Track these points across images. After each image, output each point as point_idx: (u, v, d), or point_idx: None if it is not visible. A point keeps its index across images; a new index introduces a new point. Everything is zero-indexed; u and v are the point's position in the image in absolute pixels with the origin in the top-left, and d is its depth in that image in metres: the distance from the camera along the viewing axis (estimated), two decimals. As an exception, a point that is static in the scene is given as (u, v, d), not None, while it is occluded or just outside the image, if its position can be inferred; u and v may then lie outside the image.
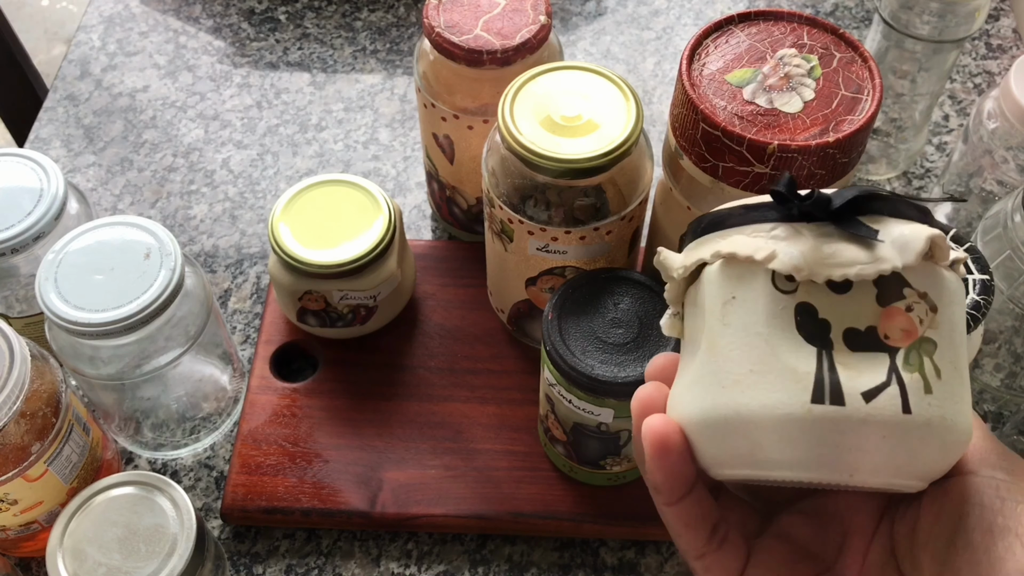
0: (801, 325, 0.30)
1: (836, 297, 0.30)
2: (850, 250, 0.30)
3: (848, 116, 0.46)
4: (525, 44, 0.56)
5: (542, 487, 0.58)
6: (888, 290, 0.30)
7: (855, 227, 0.30)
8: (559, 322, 0.51)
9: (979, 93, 0.79)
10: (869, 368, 0.29)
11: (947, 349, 0.30)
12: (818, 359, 0.30)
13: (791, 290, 0.30)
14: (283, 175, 0.75)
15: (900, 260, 0.29)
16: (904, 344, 0.30)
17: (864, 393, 0.29)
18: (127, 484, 0.50)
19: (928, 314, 0.30)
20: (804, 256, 0.30)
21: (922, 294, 0.30)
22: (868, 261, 0.29)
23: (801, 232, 0.30)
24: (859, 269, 0.29)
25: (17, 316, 0.59)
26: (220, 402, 0.62)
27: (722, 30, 0.50)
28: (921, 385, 0.29)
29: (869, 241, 0.30)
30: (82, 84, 0.81)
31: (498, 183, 0.53)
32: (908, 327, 0.30)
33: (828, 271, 0.30)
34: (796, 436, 0.30)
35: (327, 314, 0.61)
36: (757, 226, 0.31)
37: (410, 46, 0.83)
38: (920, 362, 0.30)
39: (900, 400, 0.29)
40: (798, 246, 0.30)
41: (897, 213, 0.31)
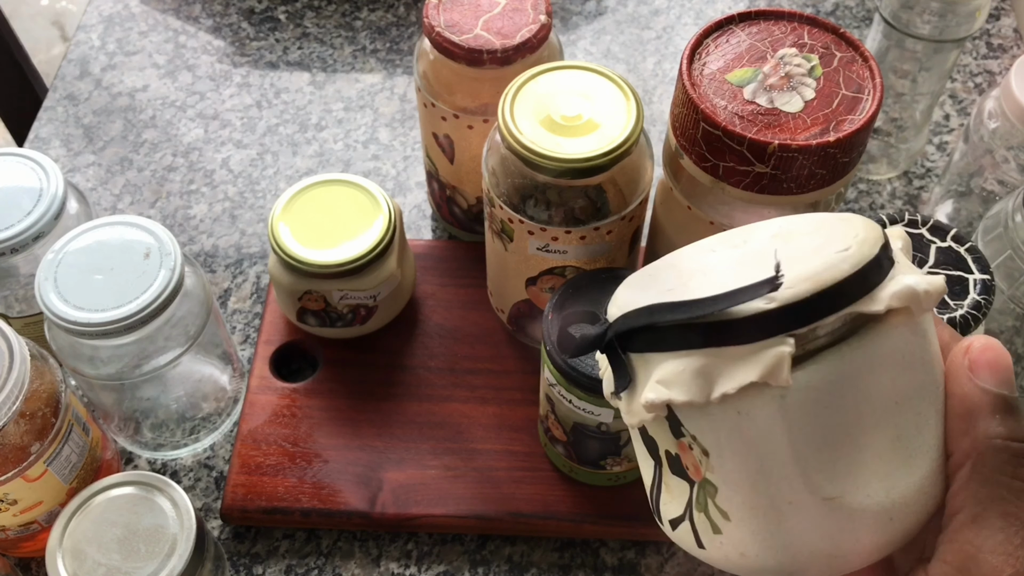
0: (644, 440, 0.31)
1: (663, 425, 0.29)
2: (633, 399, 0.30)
3: (849, 116, 0.46)
4: (525, 43, 0.56)
5: (542, 487, 0.58)
6: (674, 424, 0.29)
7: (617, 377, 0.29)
8: (559, 322, 0.50)
9: (980, 93, 0.79)
10: (679, 495, 0.30)
11: (735, 493, 0.28)
12: (653, 475, 0.32)
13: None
14: (283, 175, 0.75)
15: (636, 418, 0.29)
16: (697, 479, 0.29)
17: (671, 521, 0.31)
18: (127, 484, 0.50)
19: (703, 456, 0.28)
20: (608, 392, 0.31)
21: (692, 436, 0.28)
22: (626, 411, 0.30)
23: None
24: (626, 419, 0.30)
25: (17, 316, 0.59)
26: (220, 402, 0.61)
27: (722, 29, 0.50)
28: (708, 526, 0.29)
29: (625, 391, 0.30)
30: (82, 84, 0.81)
31: (498, 183, 0.53)
32: (694, 464, 0.29)
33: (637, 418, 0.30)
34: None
35: (327, 314, 0.61)
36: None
37: (410, 46, 0.83)
38: (705, 504, 0.29)
39: (693, 537, 0.30)
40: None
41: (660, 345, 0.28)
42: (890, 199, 0.73)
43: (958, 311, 0.47)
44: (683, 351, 0.27)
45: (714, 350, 0.26)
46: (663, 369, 0.27)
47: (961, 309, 0.47)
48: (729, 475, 0.28)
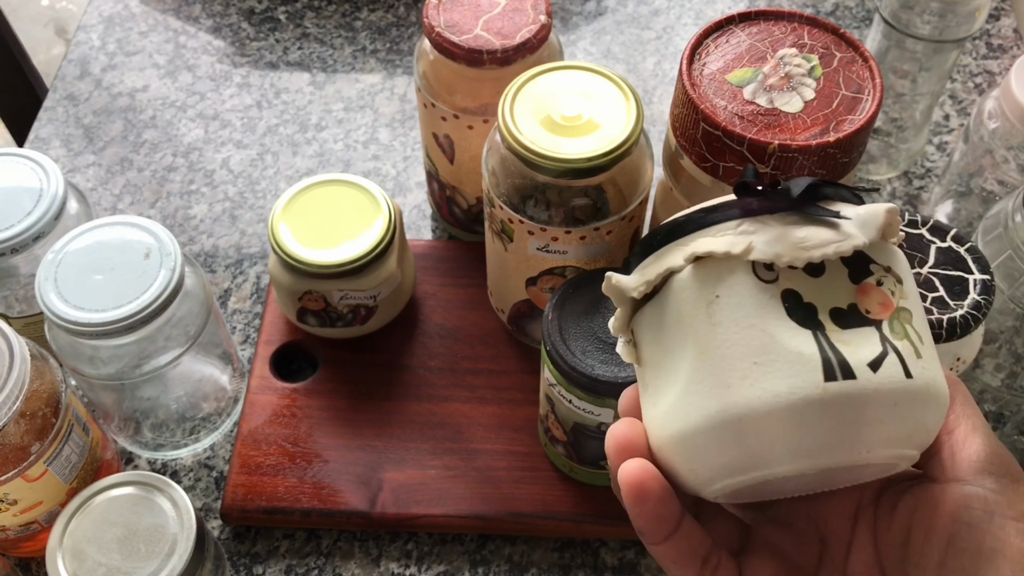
0: (791, 311, 0.30)
1: (814, 281, 0.31)
2: (820, 232, 0.30)
3: (848, 116, 0.46)
4: (525, 44, 0.56)
5: (542, 487, 0.58)
6: (857, 268, 0.31)
7: (819, 211, 0.31)
8: (559, 322, 0.50)
9: (980, 93, 0.79)
10: (863, 342, 0.30)
11: (919, 315, 0.32)
12: (816, 340, 0.30)
13: (773, 279, 0.31)
14: (283, 175, 0.75)
15: (865, 235, 0.31)
16: (885, 316, 0.31)
17: (870, 364, 0.29)
18: (127, 484, 0.50)
19: (896, 285, 0.31)
20: (781, 243, 0.30)
21: (887, 268, 0.31)
22: (840, 239, 0.30)
23: (768, 223, 0.31)
24: (835, 247, 0.30)
25: (17, 316, 0.59)
26: (220, 402, 0.62)
27: (722, 30, 0.50)
28: (912, 351, 0.30)
29: (834, 222, 0.31)
30: (82, 84, 0.81)
31: (498, 183, 0.53)
32: (884, 300, 0.31)
33: (806, 254, 0.30)
34: (814, 419, 0.29)
35: (327, 314, 0.61)
36: (721, 226, 0.31)
37: (410, 46, 0.83)
38: (904, 330, 0.31)
39: (901, 367, 0.30)
40: (770, 235, 0.31)
41: (844, 198, 0.32)
42: (890, 199, 0.73)
43: (958, 311, 0.47)
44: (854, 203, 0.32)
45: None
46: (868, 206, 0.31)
47: (961, 309, 0.47)
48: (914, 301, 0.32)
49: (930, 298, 0.48)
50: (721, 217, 0.32)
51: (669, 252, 0.32)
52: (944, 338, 0.47)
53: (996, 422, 0.62)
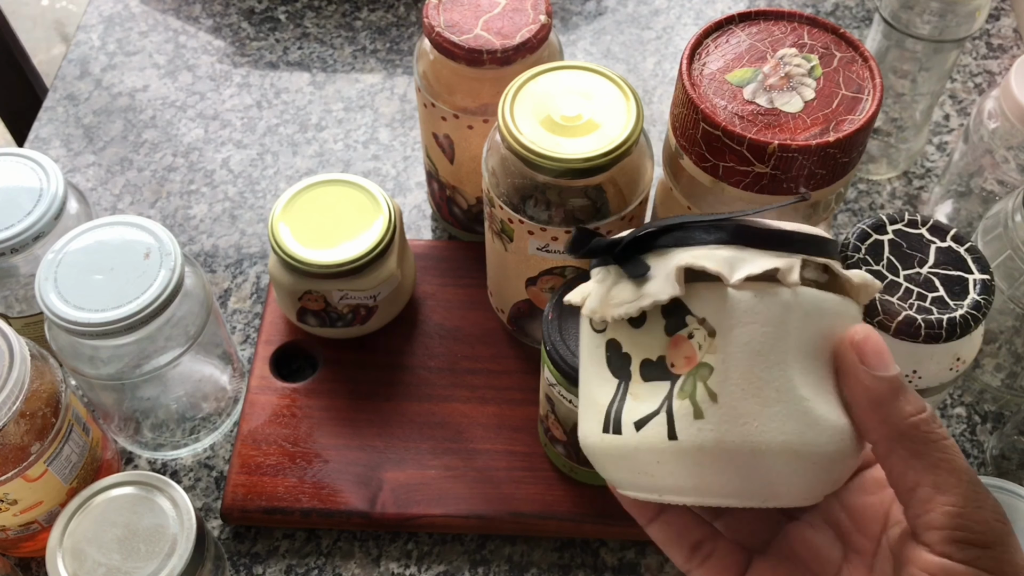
0: (609, 360, 0.33)
1: (636, 331, 0.33)
2: (625, 290, 0.32)
3: (848, 116, 0.46)
4: (525, 44, 0.56)
5: (542, 487, 0.58)
6: (673, 320, 0.32)
7: (629, 267, 0.32)
8: (559, 322, 0.50)
9: (980, 93, 0.79)
10: (651, 397, 0.32)
11: (731, 370, 0.30)
12: (615, 390, 0.33)
13: (602, 329, 0.34)
14: (283, 175, 0.75)
15: (664, 293, 0.31)
16: (685, 371, 0.31)
17: (636, 422, 0.32)
18: (127, 484, 0.50)
19: (706, 339, 0.31)
20: (598, 300, 0.33)
21: (700, 320, 0.31)
22: (632, 299, 0.32)
23: (609, 275, 0.33)
24: (624, 308, 0.32)
25: (17, 316, 0.59)
26: (220, 402, 0.62)
27: (722, 30, 0.50)
28: (690, 411, 0.31)
29: (639, 279, 0.32)
30: (82, 84, 0.81)
31: (498, 183, 0.53)
32: (689, 354, 0.31)
33: (609, 311, 0.32)
34: (603, 460, 0.34)
35: (327, 314, 0.61)
36: (597, 271, 0.35)
37: (410, 46, 0.83)
38: (693, 389, 0.31)
39: (666, 428, 0.31)
40: (599, 290, 0.33)
41: (686, 242, 0.32)
42: (890, 199, 0.73)
43: (958, 311, 0.47)
44: (710, 246, 0.32)
45: (738, 248, 0.31)
46: (689, 254, 0.31)
47: (961, 309, 0.47)
48: (732, 354, 0.31)
49: (930, 298, 0.48)
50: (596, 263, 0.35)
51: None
52: (944, 338, 0.47)
53: (996, 422, 0.62)
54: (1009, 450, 0.59)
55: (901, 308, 0.47)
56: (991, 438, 0.62)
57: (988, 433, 0.62)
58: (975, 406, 0.63)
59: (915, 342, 0.47)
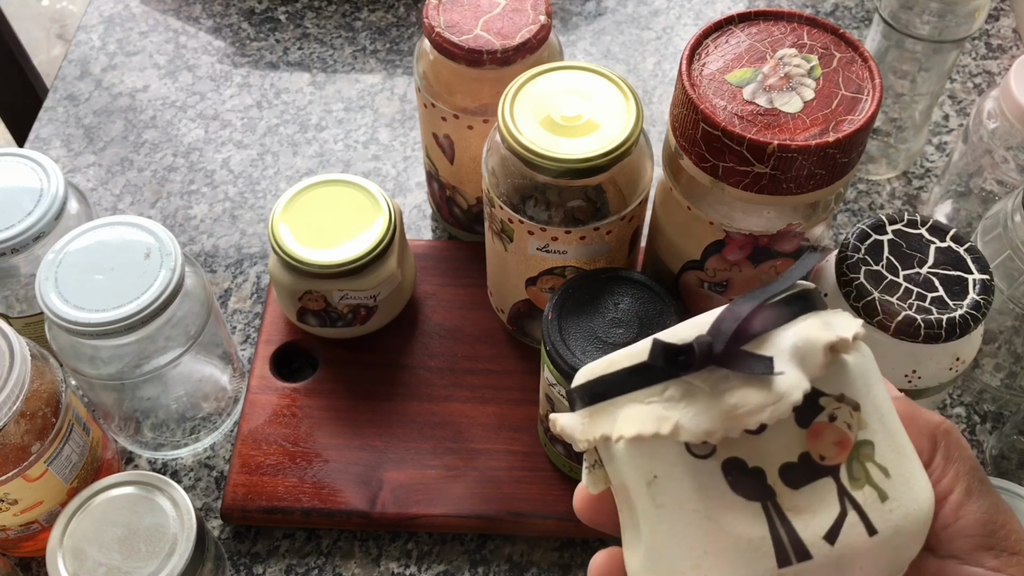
0: (735, 484, 0.28)
1: (757, 439, 0.28)
2: (752, 393, 0.27)
3: (848, 116, 0.46)
4: (525, 44, 0.56)
5: (542, 487, 0.58)
6: (804, 409, 0.28)
7: (747, 365, 0.27)
8: (559, 322, 0.51)
9: (979, 93, 0.79)
10: (819, 502, 0.28)
11: (884, 438, 0.28)
12: (766, 515, 0.28)
13: (710, 452, 0.28)
14: (283, 175, 0.75)
15: (806, 381, 0.27)
16: (842, 458, 0.28)
17: (826, 536, 0.27)
18: (127, 484, 0.50)
19: (853, 415, 0.28)
20: (711, 417, 0.27)
21: (839, 397, 0.28)
22: (777, 398, 0.27)
23: (695, 385, 0.28)
24: (771, 411, 0.27)
25: (17, 316, 0.59)
26: (220, 402, 0.62)
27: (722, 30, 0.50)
28: (876, 496, 0.28)
29: (765, 375, 0.27)
30: (82, 84, 0.81)
31: (498, 183, 0.53)
32: (839, 438, 0.28)
33: (740, 423, 0.27)
34: None
35: (327, 314, 0.61)
36: (648, 390, 0.28)
37: (410, 46, 0.83)
38: (865, 472, 0.28)
39: (863, 526, 0.27)
40: (698, 407, 0.27)
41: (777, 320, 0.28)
42: (889, 199, 0.73)
43: (957, 311, 0.47)
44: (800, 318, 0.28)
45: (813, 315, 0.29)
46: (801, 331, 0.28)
47: (960, 309, 0.47)
48: (878, 421, 0.28)
49: (929, 298, 0.48)
50: (645, 380, 0.29)
51: (601, 414, 0.29)
52: (943, 338, 0.47)
53: (996, 422, 0.63)
54: (1008, 450, 0.59)
55: (900, 308, 0.47)
56: (990, 438, 0.62)
57: (987, 433, 0.62)
58: (974, 406, 0.63)
59: (915, 342, 0.47)
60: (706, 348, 0.27)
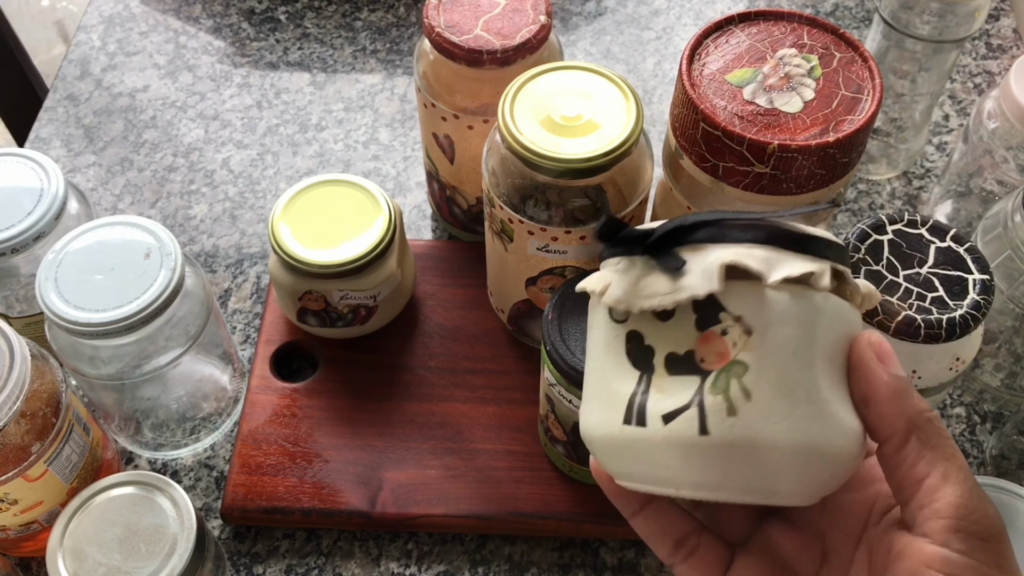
0: (630, 352, 0.33)
1: (662, 324, 0.32)
2: (658, 282, 0.31)
3: (848, 116, 0.46)
4: (525, 44, 0.56)
5: (542, 487, 0.58)
6: (706, 315, 0.31)
7: (665, 259, 0.32)
8: (559, 322, 0.51)
9: (979, 93, 0.79)
10: (679, 391, 0.31)
11: (764, 370, 0.30)
12: (637, 383, 0.32)
13: (623, 319, 0.33)
14: (283, 175, 0.75)
15: (703, 288, 0.30)
16: (717, 366, 0.31)
17: (665, 415, 0.31)
18: (127, 484, 0.50)
19: (742, 337, 0.31)
20: (624, 290, 0.32)
21: (736, 317, 0.31)
22: (668, 292, 0.31)
23: (635, 265, 0.33)
24: (659, 300, 0.31)
25: (17, 316, 0.59)
26: (220, 402, 0.62)
27: (722, 30, 0.50)
28: (724, 407, 0.30)
29: (675, 272, 0.31)
30: (82, 84, 0.81)
31: (498, 183, 0.53)
32: (722, 350, 0.31)
33: (638, 303, 0.32)
34: (619, 453, 0.33)
35: (327, 314, 0.61)
36: (614, 260, 0.34)
37: (410, 46, 0.83)
38: (727, 385, 0.31)
39: (697, 422, 0.30)
40: (624, 280, 0.32)
41: (722, 238, 0.32)
42: (890, 199, 0.73)
43: (958, 311, 0.47)
44: (745, 244, 0.31)
45: (772, 249, 0.31)
46: (728, 251, 0.31)
47: (960, 309, 0.47)
48: (767, 354, 0.30)
49: (929, 298, 0.48)
50: (617, 252, 0.34)
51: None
52: (943, 338, 0.47)
53: (996, 422, 0.62)
54: (1008, 450, 0.59)
55: (901, 308, 0.47)
56: (990, 438, 0.62)
57: (987, 433, 0.62)
58: (974, 406, 0.63)
59: (915, 342, 0.47)
60: (639, 234, 0.32)
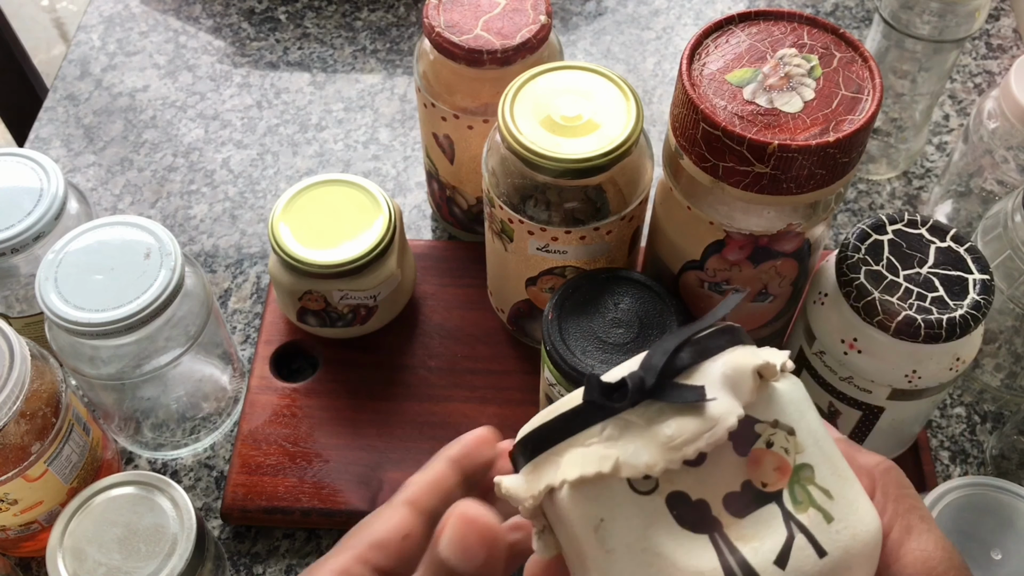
0: (681, 518, 0.28)
1: (699, 471, 0.28)
2: (688, 422, 0.27)
3: (848, 116, 0.46)
4: (525, 44, 0.56)
5: (542, 487, 0.58)
6: (742, 436, 0.28)
7: (680, 394, 0.28)
8: (559, 322, 0.51)
9: (979, 93, 0.79)
10: (766, 528, 0.28)
11: (822, 461, 0.28)
12: (715, 546, 0.27)
13: (653, 488, 0.28)
14: (283, 175, 0.75)
15: (739, 406, 0.27)
16: (783, 483, 0.28)
17: (776, 560, 0.27)
18: (127, 484, 0.50)
19: (789, 439, 0.28)
20: (648, 450, 0.27)
21: (773, 423, 0.28)
22: (712, 424, 0.27)
23: (632, 421, 0.28)
24: (707, 438, 0.27)
25: (17, 316, 0.59)
26: (220, 402, 0.62)
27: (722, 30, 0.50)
28: (821, 517, 0.28)
29: (699, 403, 0.27)
30: (82, 84, 0.81)
31: (498, 183, 0.53)
32: (779, 464, 0.28)
33: (679, 453, 0.27)
34: None
35: (327, 314, 0.61)
36: (586, 432, 0.28)
37: (410, 46, 0.83)
38: (808, 495, 0.28)
39: (812, 548, 0.27)
40: (637, 441, 0.28)
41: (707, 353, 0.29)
42: (890, 199, 0.73)
43: (958, 311, 0.47)
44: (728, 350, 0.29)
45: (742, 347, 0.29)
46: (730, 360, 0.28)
47: (960, 309, 0.47)
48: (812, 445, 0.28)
49: (930, 298, 0.48)
50: (583, 423, 0.29)
51: (543, 465, 0.29)
52: (944, 338, 0.47)
53: (996, 422, 0.62)
54: (1009, 450, 0.59)
55: (901, 308, 0.47)
56: (991, 438, 0.62)
57: (988, 433, 0.62)
58: (975, 406, 0.63)
59: (915, 342, 0.47)
60: (638, 382, 0.28)
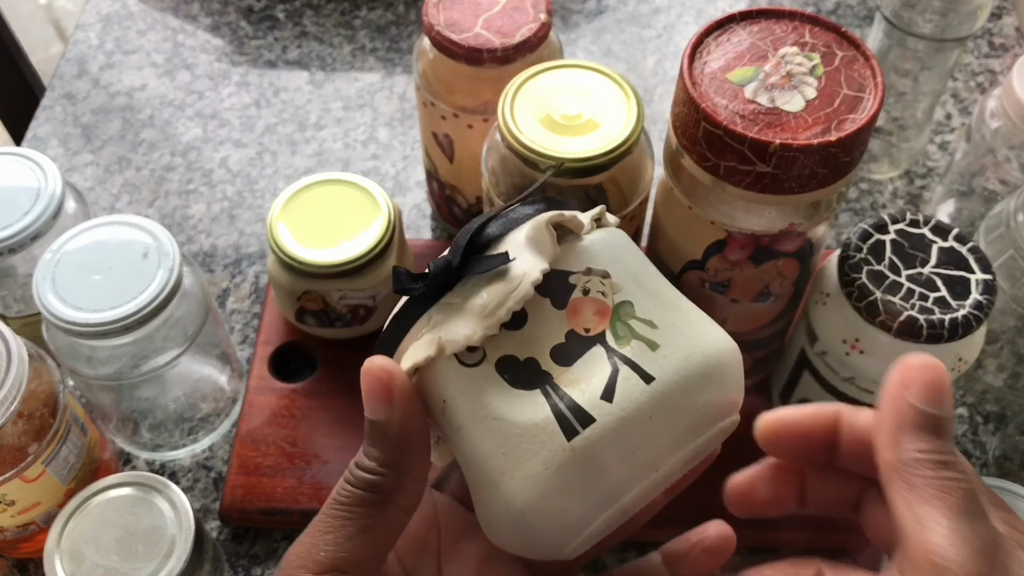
0: (512, 379, 0.29)
1: (522, 332, 0.29)
2: (496, 287, 0.29)
3: (850, 115, 0.46)
4: (525, 42, 0.56)
5: (542, 488, 0.57)
6: (556, 292, 0.29)
7: (485, 265, 0.29)
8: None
9: (981, 92, 0.79)
10: (591, 369, 0.28)
11: (643, 296, 0.29)
12: (546, 397, 0.28)
13: (480, 359, 0.29)
14: (282, 174, 0.75)
15: (543, 261, 0.29)
16: (604, 325, 0.29)
17: (603, 395, 0.28)
18: (125, 485, 0.50)
19: (604, 282, 0.29)
20: (465, 323, 0.29)
21: (586, 271, 0.29)
22: (516, 283, 0.28)
23: (452, 303, 0.29)
24: (515, 296, 0.28)
25: (14, 316, 0.59)
26: (218, 403, 0.61)
27: (723, 28, 0.50)
28: (645, 347, 0.28)
29: (504, 267, 0.29)
30: (80, 83, 0.81)
31: (498, 182, 0.53)
32: (598, 308, 0.29)
33: (494, 318, 0.28)
34: (582, 479, 0.28)
35: (326, 314, 0.61)
36: (416, 325, 0.30)
37: (409, 44, 0.83)
38: (628, 329, 0.28)
39: (637, 376, 0.28)
40: (455, 318, 0.29)
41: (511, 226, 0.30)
42: (892, 198, 0.73)
43: (960, 311, 0.47)
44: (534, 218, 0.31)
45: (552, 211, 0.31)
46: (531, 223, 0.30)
47: (963, 309, 0.47)
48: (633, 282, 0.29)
49: (932, 298, 0.47)
50: (411, 318, 0.30)
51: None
52: (946, 338, 0.47)
53: (998, 423, 0.62)
54: (1011, 451, 0.59)
55: (903, 308, 0.47)
56: (993, 439, 0.61)
57: (990, 434, 0.62)
58: (977, 407, 0.63)
59: (917, 342, 0.47)
60: (443, 264, 0.29)
